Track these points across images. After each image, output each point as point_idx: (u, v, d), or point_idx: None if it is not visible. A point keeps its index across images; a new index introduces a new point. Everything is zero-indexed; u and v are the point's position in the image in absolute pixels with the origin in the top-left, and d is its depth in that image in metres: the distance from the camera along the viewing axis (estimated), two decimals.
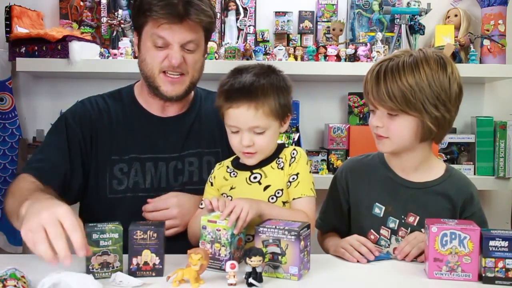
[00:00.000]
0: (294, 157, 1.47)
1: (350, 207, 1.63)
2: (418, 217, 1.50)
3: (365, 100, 1.54)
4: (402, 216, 1.52)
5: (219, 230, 1.28)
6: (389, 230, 1.53)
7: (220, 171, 1.53)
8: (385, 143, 1.49)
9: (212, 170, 1.56)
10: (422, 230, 1.48)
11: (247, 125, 1.41)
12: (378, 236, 1.55)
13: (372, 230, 1.55)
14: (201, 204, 1.51)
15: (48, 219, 1.10)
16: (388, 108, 1.44)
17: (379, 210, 1.55)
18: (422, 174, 1.54)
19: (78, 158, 1.61)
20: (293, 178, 1.45)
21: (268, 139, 1.44)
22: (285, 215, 1.37)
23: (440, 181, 1.53)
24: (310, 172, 1.49)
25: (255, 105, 1.40)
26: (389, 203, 1.54)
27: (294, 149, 1.49)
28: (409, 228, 1.51)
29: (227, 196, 1.48)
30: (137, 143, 1.63)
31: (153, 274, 1.25)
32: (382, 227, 1.54)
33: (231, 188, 1.48)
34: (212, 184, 1.53)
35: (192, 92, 1.71)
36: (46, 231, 1.09)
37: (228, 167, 1.52)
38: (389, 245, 1.54)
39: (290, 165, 1.46)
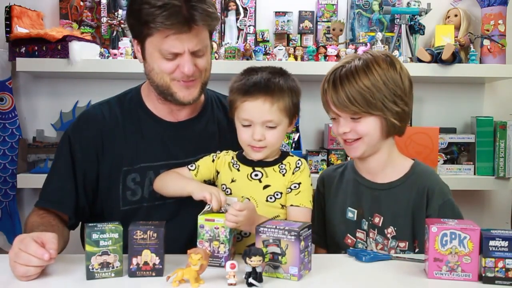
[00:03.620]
0: (299, 167, 1.49)
1: (325, 215, 1.65)
2: (382, 218, 1.53)
3: (325, 110, 1.57)
4: (369, 218, 1.55)
5: (217, 228, 1.30)
6: (364, 232, 1.56)
7: (226, 158, 1.55)
8: (356, 147, 1.51)
9: (218, 151, 1.56)
10: (385, 231, 1.51)
11: (261, 119, 1.44)
12: (355, 240, 1.57)
13: (348, 234, 1.57)
14: (192, 165, 1.53)
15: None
16: (351, 113, 1.47)
17: (352, 214, 1.58)
18: (387, 174, 1.56)
19: (81, 181, 1.58)
20: (295, 186, 1.47)
21: (278, 135, 1.47)
22: None
23: (403, 181, 1.54)
24: (311, 185, 1.52)
25: (270, 100, 1.43)
26: (359, 206, 1.56)
27: (299, 160, 1.51)
28: (376, 229, 1.53)
29: (226, 188, 1.50)
30: (149, 151, 1.59)
31: (153, 274, 1.24)
32: (358, 230, 1.56)
33: (232, 181, 1.50)
34: (213, 161, 1.54)
35: (202, 95, 1.66)
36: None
37: (233, 158, 1.54)
38: (366, 247, 1.55)
39: (293, 173, 1.48)
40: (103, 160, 1.58)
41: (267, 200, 1.46)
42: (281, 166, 1.50)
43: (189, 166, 1.54)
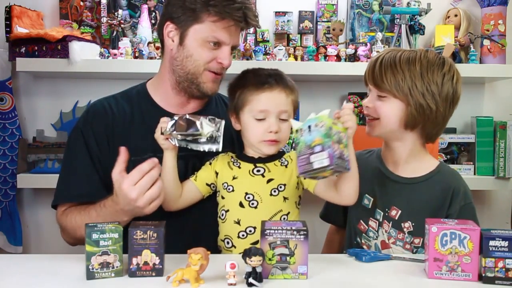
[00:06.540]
0: None
1: None
2: (400, 211, 1.53)
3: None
4: (386, 209, 1.55)
5: (341, 132, 1.30)
6: (377, 222, 1.57)
7: (224, 158, 1.56)
8: (373, 125, 1.55)
9: (216, 156, 1.56)
10: (402, 225, 1.52)
11: (278, 108, 1.46)
12: (367, 227, 1.58)
13: (361, 221, 1.59)
14: (193, 175, 1.54)
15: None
16: (378, 88, 1.51)
17: (368, 201, 1.59)
18: (412, 169, 1.56)
19: (100, 170, 1.59)
20: None
21: (289, 130, 1.49)
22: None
23: (427, 178, 1.55)
24: None
25: (285, 91, 1.47)
26: (376, 195, 1.57)
27: None
28: (391, 222, 1.54)
29: (228, 186, 1.50)
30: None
31: (153, 274, 1.24)
32: (371, 218, 1.58)
33: (234, 178, 1.50)
34: (210, 164, 1.55)
35: None
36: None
37: (232, 157, 1.55)
38: (377, 237, 1.56)
39: None
40: (114, 151, 1.56)
41: (271, 194, 1.47)
42: (282, 160, 1.51)
43: (191, 177, 1.55)
